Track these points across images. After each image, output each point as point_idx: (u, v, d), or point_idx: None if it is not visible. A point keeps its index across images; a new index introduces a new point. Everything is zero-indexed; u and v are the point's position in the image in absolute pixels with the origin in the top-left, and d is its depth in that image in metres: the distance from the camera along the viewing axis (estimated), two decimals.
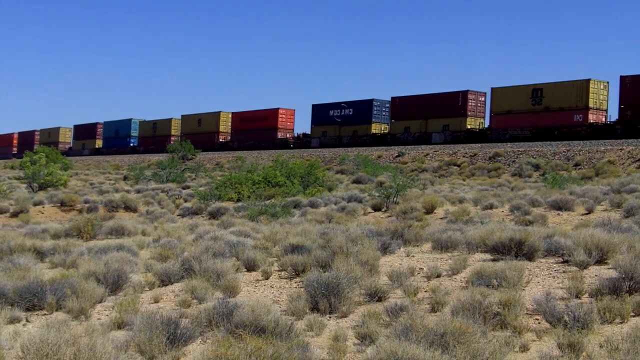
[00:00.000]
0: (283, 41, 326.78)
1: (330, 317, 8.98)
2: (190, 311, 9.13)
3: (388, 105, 72.87)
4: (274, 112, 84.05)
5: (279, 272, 12.25)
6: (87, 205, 31.29)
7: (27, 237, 17.13)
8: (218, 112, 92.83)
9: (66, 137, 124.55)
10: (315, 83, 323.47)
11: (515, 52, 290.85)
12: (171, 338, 7.31)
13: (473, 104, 64.60)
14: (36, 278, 10.51)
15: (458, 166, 51.85)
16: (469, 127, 63.63)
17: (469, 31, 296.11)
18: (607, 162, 42.90)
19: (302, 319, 8.70)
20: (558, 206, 21.45)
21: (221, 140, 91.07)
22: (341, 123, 75.78)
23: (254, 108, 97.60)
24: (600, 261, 10.92)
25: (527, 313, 8.41)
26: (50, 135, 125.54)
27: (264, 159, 66.26)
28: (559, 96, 56.32)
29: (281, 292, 10.71)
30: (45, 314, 9.78)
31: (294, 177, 36.75)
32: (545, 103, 57.27)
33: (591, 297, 8.81)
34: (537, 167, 45.86)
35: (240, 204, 28.90)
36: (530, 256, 11.60)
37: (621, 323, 7.89)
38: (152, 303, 10.38)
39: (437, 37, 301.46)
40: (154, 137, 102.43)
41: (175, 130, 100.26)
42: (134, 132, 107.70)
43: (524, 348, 7.10)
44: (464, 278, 10.53)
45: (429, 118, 66.30)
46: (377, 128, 73.30)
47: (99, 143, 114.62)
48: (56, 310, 9.88)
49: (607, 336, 7.06)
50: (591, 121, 55.01)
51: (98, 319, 9.36)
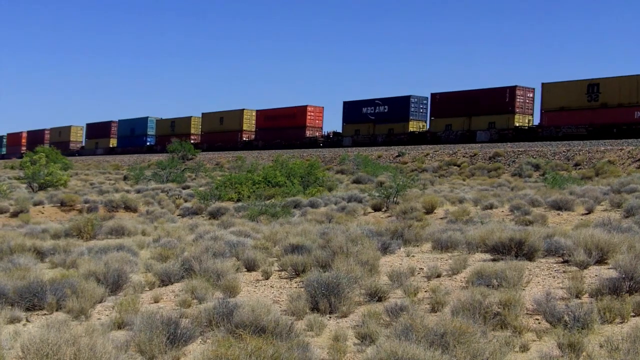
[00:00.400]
0: (306, 38, 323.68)
1: (330, 317, 8.98)
2: (190, 311, 9.13)
3: (426, 102, 69.44)
4: (302, 110, 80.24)
5: (279, 272, 12.25)
6: (87, 205, 31.29)
7: (27, 237, 17.12)
8: (241, 110, 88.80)
9: (77, 136, 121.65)
10: (341, 80, 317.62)
11: (567, 48, 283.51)
12: (171, 338, 7.31)
13: (521, 100, 61.15)
14: (36, 278, 10.51)
15: (458, 166, 51.85)
16: (517, 125, 60.35)
17: (483, 31, 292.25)
18: (607, 162, 42.91)
19: (302, 319, 8.70)
20: (558, 206, 21.45)
21: (244, 139, 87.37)
22: (375, 121, 72.03)
23: (276, 106, 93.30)
24: (600, 261, 10.92)
25: (527, 313, 8.41)
26: (61, 134, 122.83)
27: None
28: (617, 92, 52.74)
29: (281, 292, 10.71)
30: (45, 314, 9.78)
31: (294, 177, 36.76)
32: (602, 99, 53.62)
33: (591, 297, 8.81)
34: (537, 167, 45.86)
35: (240, 204, 28.91)
36: (530, 256, 11.60)
37: (621, 323, 7.89)
38: (152, 303, 10.38)
39: (445, 37, 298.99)
40: (172, 136, 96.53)
41: (194, 128, 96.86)
42: (151, 131, 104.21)
43: (524, 348, 7.10)
44: (464, 278, 10.53)
45: (473, 115, 62.71)
46: (415, 126, 69.60)
47: (113, 142, 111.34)
48: (56, 310, 9.88)
49: (607, 336, 7.06)
50: None
51: (98, 319, 9.36)
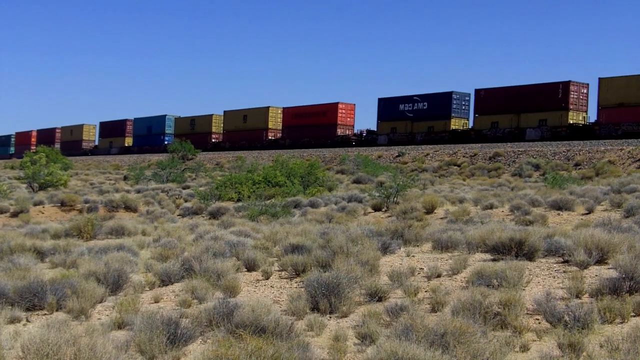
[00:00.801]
0: (332, 35, 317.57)
1: (330, 317, 8.98)
2: (190, 311, 9.13)
3: (468, 98, 66.09)
4: (333, 107, 76.58)
5: (279, 272, 12.25)
6: (87, 205, 31.28)
7: (27, 237, 17.13)
8: (267, 107, 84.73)
9: (90, 135, 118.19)
10: (368, 78, 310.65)
11: (621, 44, 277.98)
12: (171, 338, 7.31)
13: (575, 96, 57.51)
14: (36, 278, 10.51)
15: (458, 166, 51.86)
16: (571, 122, 57.10)
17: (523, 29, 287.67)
18: (607, 162, 42.92)
19: (303, 319, 8.70)
20: (558, 206, 21.46)
21: (270, 137, 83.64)
22: (413, 118, 68.27)
23: (302, 104, 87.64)
24: (600, 261, 10.92)
25: (528, 313, 8.41)
26: (72, 132, 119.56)
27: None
28: None
29: (281, 292, 10.71)
30: (45, 314, 9.78)
31: (294, 177, 36.77)
32: None
33: (591, 297, 8.81)
34: (537, 167, 45.87)
35: (240, 204, 28.91)
36: (530, 256, 11.60)
37: (621, 323, 7.89)
38: (153, 303, 10.38)
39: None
40: (192, 135, 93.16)
41: (216, 127, 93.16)
42: (169, 130, 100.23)
43: (524, 348, 7.10)
44: (464, 278, 10.53)
45: (522, 112, 59.12)
46: (457, 123, 65.87)
47: (129, 141, 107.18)
48: (56, 310, 9.88)
49: (608, 336, 7.06)
50: None
51: (98, 319, 9.36)
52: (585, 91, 58.83)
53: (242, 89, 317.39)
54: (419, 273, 11.38)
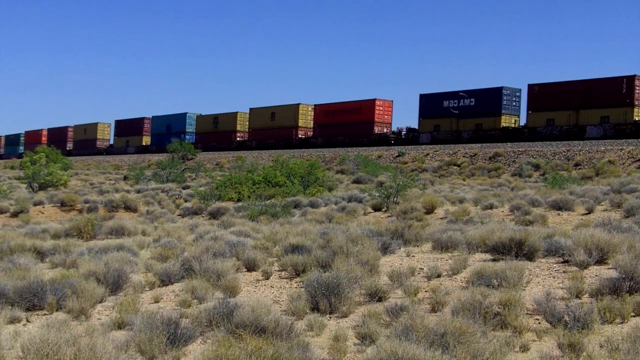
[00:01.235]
0: (365, 32, 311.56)
1: (330, 317, 8.98)
2: (190, 311, 9.13)
3: (519, 94, 62.61)
4: (370, 104, 72.22)
5: (279, 272, 12.25)
6: (87, 205, 31.28)
7: (27, 237, 17.13)
8: (296, 105, 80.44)
9: (105, 134, 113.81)
10: (403, 74, 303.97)
11: None
12: (171, 338, 7.31)
13: None
14: (36, 278, 10.51)
15: (458, 166, 51.86)
16: (637, 119, 53.12)
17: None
18: (607, 162, 42.92)
19: (303, 319, 8.70)
20: (558, 206, 21.45)
21: (300, 136, 79.64)
22: (459, 115, 64.20)
23: (332, 101, 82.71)
24: (600, 261, 10.92)
25: (527, 313, 8.41)
26: (86, 131, 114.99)
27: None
28: None
29: (281, 292, 10.71)
30: (45, 314, 9.78)
31: (294, 177, 36.77)
32: None
33: (591, 297, 8.82)
34: (537, 167, 45.89)
35: (240, 204, 28.91)
36: (530, 256, 11.60)
37: (621, 323, 7.89)
38: (153, 303, 10.39)
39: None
40: (215, 133, 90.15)
41: (241, 125, 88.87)
42: (190, 128, 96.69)
43: (524, 348, 7.10)
44: (464, 278, 10.53)
45: (581, 108, 55.10)
46: (507, 121, 62.15)
47: (147, 140, 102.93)
48: (56, 310, 9.88)
49: (608, 336, 7.07)
50: None
51: (98, 319, 9.36)
52: None
53: (269, 86, 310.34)
54: (419, 273, 11.38)
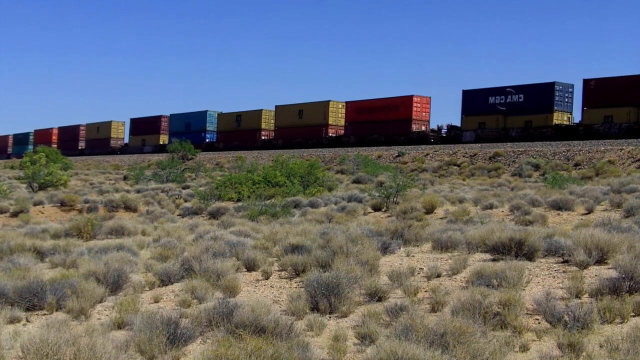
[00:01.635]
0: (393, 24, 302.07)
1: (330, 317, 8.99)
2: (190, 311, 9.14)
3: (571, 89, 59.21)
4: (407, 100, 68.73)
5: (279, 272, 12.26)
6: (87, 205, 31.29)
7: (27, 237, 17.13)
8: (326, 102, 77.16)
9: (119, 133, 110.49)
10: (444, 70, 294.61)
11: None
12: (171, 338, 7.31)
13: None
14: (36, 278, 10.51)
15: (458, 166, 51.86)
16: None
17: None
18: (607, 162, 42.92)
19: (302, 319, 8.70)
20: (558, 206, 21.46)
21: (331, 134, 76.41)
22: (506, 112, 60.98)
23: (364, 98, 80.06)
24: (600, 261, 10.92)
25: (527, 313, 8.41)
26: (99, 130, 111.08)
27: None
28: None
29: (281, 292, 10.71)
30: (45, 314, 9.78)
31: (294, 177, 36.78)
32: None
33: (591, 297, 8.82)
34: (537, 167, 45.89)
35: (240, 204, 28.91)
36: (530, 256, 11.61)
37: (621, 323, 7.89)
38: (152, 303, 10.39)
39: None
40: (238, 132, 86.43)
41: (266, 123, 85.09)
42: (211, 126, 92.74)
43: (524, 348, 7.10)
44: (464, 278, 10.54)
45: None
46: (559, 118, 58.64)
47: (164, 139, 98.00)
48: (56, 310, 9.88)
49: (607, 336, 7.07)
50: None
51: (98, 319, 9.37)
52: None
53: (296, 83, 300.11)
54: (419, 273, 11.38)
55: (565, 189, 26.74)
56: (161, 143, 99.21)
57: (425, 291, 9.98)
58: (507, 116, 61.15)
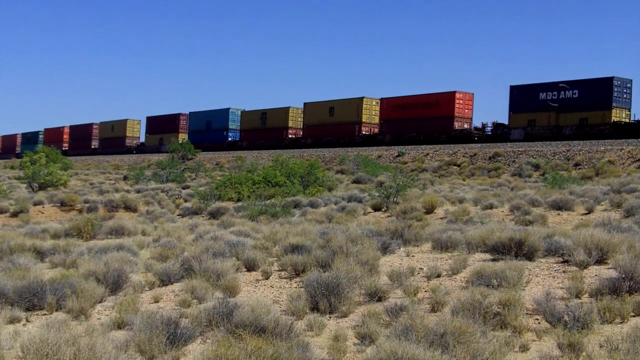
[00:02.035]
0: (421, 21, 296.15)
1: (330, 317, 8.99)
2: (190, 311, 9.14)
3: (630, 85, 56.36)
4: (449, 97, 65.48)
5: (279, 272, 12.25)
6: (87, 205, 31.29)
7: (27, 237, 17.13)
8: (360, 98, 73.70)
9: (135, 131, 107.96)
10: (487, 63, 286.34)
11: None
12: (171, 338, 7.31)
13: None
14: (36, 278, 10.51)
15: (458, 166, 51.87)
16: None
17: None
18: (607, 162, 42.92)
19: (302, 319, 8.70)
20: (558, 206, 21.46)
21: (364, 132, 73.28)
22: (559, 109, 57.35)
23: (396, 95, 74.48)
24: (600, 261, 10.92)
25: (527, 313, 8.41)
26: (113, 128, 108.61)
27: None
28: None
29: (281, 292, 10.71)
30: (45, 314, 9.78)
31: (294, 177, 36.77)
32: None
33: (591, 297, 8.82)
34: (537, 167, 45.89)
35: (240, 204, 28.91)
36: (530, 256, 11.61)
37: (621, 323, 7.89)
38: (152, 303, 10.39)
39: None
40: (263, 130, 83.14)
41: (293, 121, 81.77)
42: (233, 125, 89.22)
43: (524, 348, 7.10)
44: (464, 278, 10.54)
45: None
46: (618, 115, 55.49)
47: (183, 137, 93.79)
48: (56, 310, 9.88)
49: (607, 336, 7.06)
50: None
51: (98, 319, 9.37)
52: None
53: (326, 80, 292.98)
54: (419, 273, 11.38)
55: (565, 189, 26.74)
56: (181, 142, 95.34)
57: (425, 291, 9.98)
58: (560, 113, 57.60)
